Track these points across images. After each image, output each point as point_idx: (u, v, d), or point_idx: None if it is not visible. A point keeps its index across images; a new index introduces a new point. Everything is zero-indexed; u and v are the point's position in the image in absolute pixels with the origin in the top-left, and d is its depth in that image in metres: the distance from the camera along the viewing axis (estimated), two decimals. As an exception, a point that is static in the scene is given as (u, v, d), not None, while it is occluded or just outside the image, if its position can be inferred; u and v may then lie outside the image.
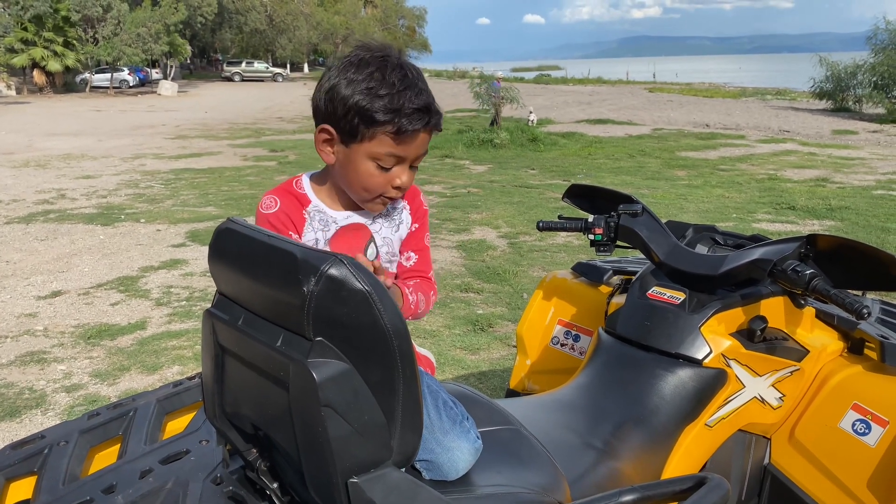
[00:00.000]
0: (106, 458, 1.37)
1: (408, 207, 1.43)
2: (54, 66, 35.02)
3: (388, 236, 1.41)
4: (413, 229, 1.44)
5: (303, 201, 1.35)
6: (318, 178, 1.39)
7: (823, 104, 24.36)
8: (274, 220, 1.32)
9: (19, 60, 34.09)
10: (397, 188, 1.31)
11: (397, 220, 1.42)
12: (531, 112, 17.39)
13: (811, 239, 1.63)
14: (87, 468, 1.34)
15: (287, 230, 1.31)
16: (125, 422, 1.45)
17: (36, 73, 35.79)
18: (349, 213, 1.38)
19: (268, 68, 54.76)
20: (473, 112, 21.68)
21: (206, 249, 1.21)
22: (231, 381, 1.16)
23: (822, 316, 1.80)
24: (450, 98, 31.53)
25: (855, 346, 1.76)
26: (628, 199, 1.93)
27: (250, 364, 1.08)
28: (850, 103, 23.54)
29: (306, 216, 1.34)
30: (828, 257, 1.62)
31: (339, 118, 1.26)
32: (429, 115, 1.26)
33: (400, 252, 1.44)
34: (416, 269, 1.45)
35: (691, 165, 11.72)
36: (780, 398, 1.69)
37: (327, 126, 1.29)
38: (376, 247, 1.37)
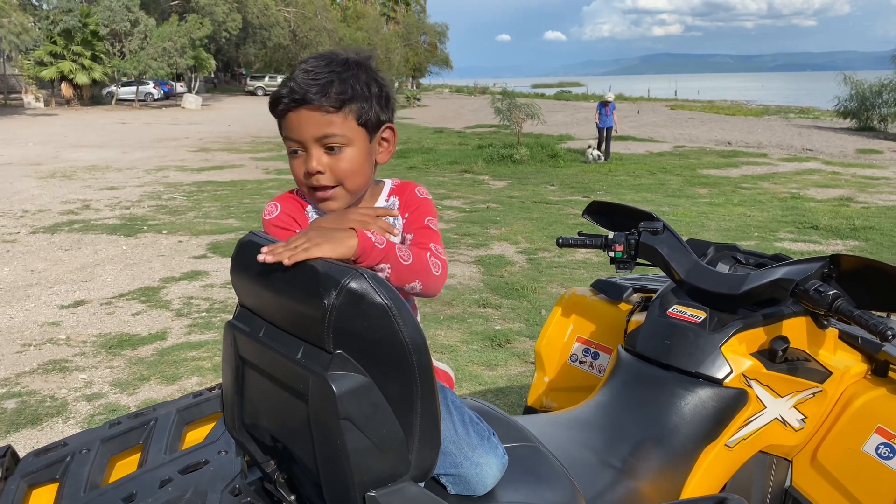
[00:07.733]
0: (126, 466, 1.39)
1: (397, 203, 1.37)
2: (82, 79, 35.61)
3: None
4: (406, 218, 1.35)
5: (302, 204, 1.34)
6: None
7: (847, 123, 24.16)
8: (277, 222, 1.30)
9: (48, 73, 34.73)
10: (308, 174, 1.25)
11: (390, 220, 1.33)
12: (590, 147, 15.40)
13: (835, 259, 1.61)
14: (107, 476, 1.35)
15: (292, 228, 1.29)
16: (146, 431, 1.46)
17: (64, 85, 36.39)
18: None
19: (290, 83, 55.27)
20: (493, 127, 21.72)
21: (226, 261, 1.22)
22: (251, 392, 1.17)
23: (845, 337, 1.78)
24: (470, 114, 31.60)
25: (879, 369, 1.73)
26: (649, 217, 1.92)
27: (270, 376, 1.09)
28: (875, 122, 23.36)
29: (308, 216, 1.33)
30: (851, 278, 1.60)
31: None
32: (290, 91, 1.21)
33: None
34: (413, 244, 1.33)
35: (713, 183, 11.66)
36: (801, 420, 1.66)
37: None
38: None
